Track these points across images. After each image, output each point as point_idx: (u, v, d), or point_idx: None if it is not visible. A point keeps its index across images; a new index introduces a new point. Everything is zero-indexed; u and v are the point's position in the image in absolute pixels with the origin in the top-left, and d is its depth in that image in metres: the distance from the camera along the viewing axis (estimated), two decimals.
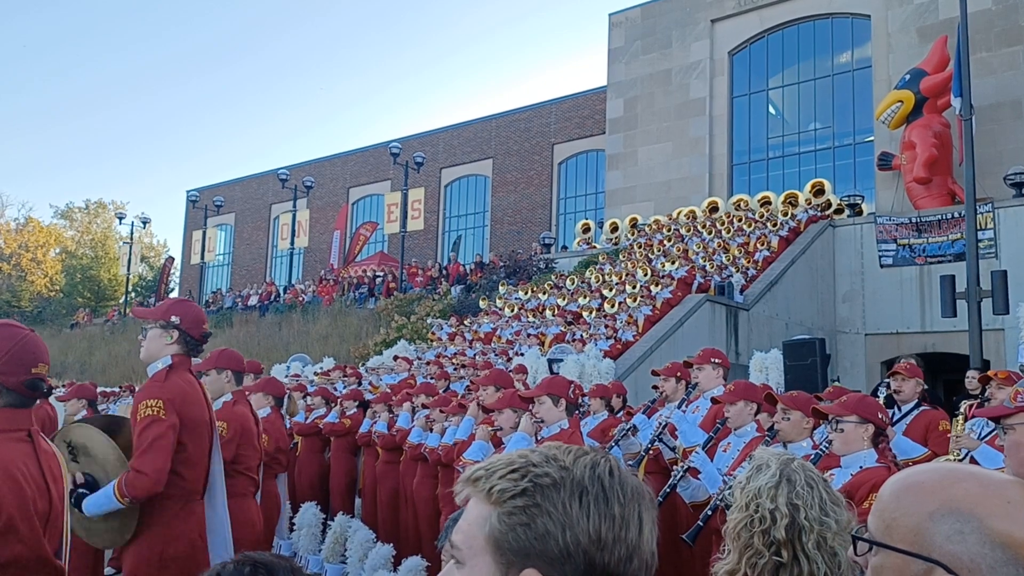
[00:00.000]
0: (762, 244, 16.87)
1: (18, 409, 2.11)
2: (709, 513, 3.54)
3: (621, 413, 6.06)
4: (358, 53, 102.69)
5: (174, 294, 34.76)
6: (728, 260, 16.23)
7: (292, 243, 27.61)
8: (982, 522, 0.88)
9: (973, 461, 3.89)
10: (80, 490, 2.90)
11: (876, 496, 0.98)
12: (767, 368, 10.25)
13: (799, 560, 1.76)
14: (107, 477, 2.97)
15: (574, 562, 0.88)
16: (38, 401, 2.14)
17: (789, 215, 18.39)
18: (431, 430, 6.37)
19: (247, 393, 4.71)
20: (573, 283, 16.93)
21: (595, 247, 21.88)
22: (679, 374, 5.46)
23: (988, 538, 0.87)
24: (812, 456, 3.34)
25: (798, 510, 1.79)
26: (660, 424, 4.73)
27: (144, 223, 34.58)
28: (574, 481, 0.91)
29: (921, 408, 4.74)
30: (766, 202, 19.97)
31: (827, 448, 3.30)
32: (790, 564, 1.76)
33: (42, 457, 2.10)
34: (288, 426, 7.74)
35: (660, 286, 14.23)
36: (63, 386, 11.35)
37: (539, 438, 4.11)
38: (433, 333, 15.98)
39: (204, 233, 31.04)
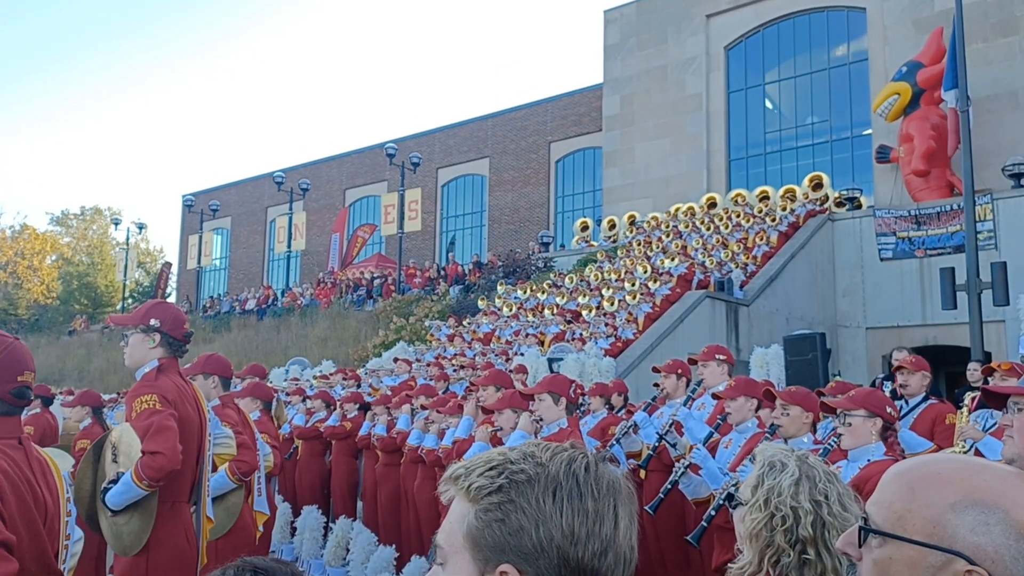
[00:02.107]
0: (761, 239, 16.83)
1: (7, 417, 2.12)
2: (713, 513, 3.51)
3: (622, 411, 6.02)
4: (352, 54, 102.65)
5: (171, 299, 34.72)
6: (727, 256, 16.19)
7: (289, 246, 27.56)
8: (1007, 513, 0.87)
9: (978, 453, 3.86)
10: (108, 485, 2.91)
11: (878, 487, 0.96)
12: (768, 364, 10.22)
13: (822, 556, 1.76)
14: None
15: (548, 557, 0.89)
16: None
17: (788, 210, 18.35)
18: (429, 431, 6.33)
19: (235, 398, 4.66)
20: (572, 282, 16.88)
21: (593, 245, 21.85)
22: (680, 371, 5.43)
23: (1013, 529, 0.86)
24: (820, 451, 3.31)
25: (821, 506, 1.78)
26: (666, 422, 4.69)
27: (140, 228, 34.56)
28: (548, 477, 0.92)
29: (928, 402, 4.70)
30: (764, 197, 19.94)
31: (836, 443, 3.27)
32: (815, 561, 1.74)
33: (34, 464, 2.12)
34: (288, 430, 7.70)
35: (659, 283, 14.19)
36: (60, 393, 11.29)
37: (538, 437, 4.07)
38: (432, 334, 15.93)
39: (200, 238, 30.99)
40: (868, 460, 3.06)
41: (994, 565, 0.85)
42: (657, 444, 4.70)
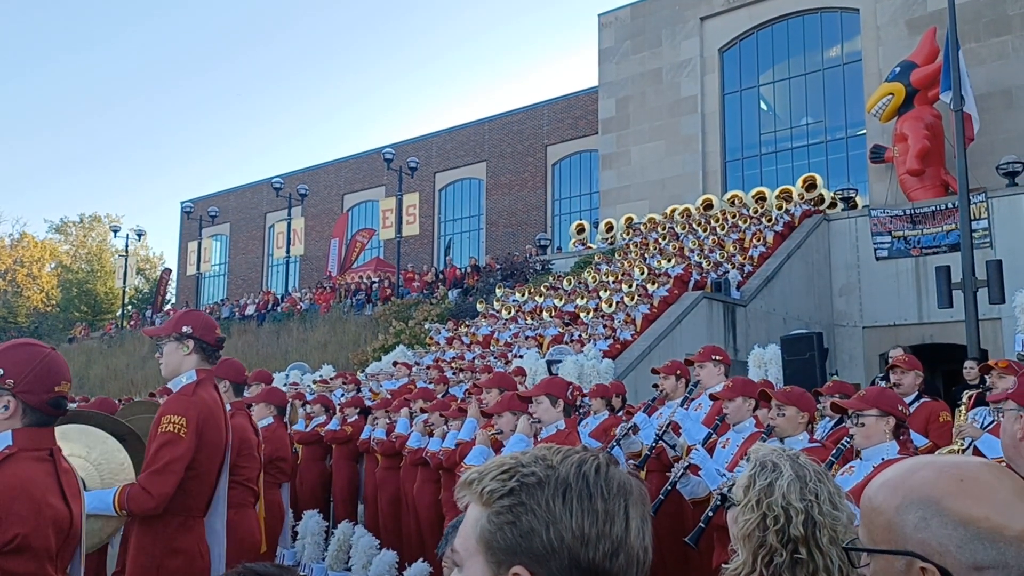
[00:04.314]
0: (757, 240, 16.88)
1: (41, 428, 2.12)
2: (710, 514, 3.53)
3: (621, 413, 6.06)
4: (348, 59, 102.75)
5: (170, 305, 34.70)
6: (724, 257, 16.23)
7: (288, 251, 27.58)
8: (939, 504, 0.88)
9: (976, 450, 3.88)
10: None
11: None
12: (766, 364, 10.25)
13: (813, 556, 1.76)
14: (97, 472, 2.96)
15: (559, 559, 0.90)
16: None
17: (784, 210, 18.41)
18: (430, 435, 6.36)
19: (249, 404, 4.68)
20: (570, 284, 16.93)
21: (591, 247, 21.89)
22: (679, 372, 5.46)
23: (949, 519, 0.87)
24: (835, 450, 3.33)
25: (812, 505, 1.78)
26: (663, 423, 4.73)
27: (139, 235, 34.49)
28: (558, 479, 0.93)
29: (921, 400, 4.75)
30: (761, 198, 20.00)
31: (848, 443, 3.29)
32: (807, 560, 1.76)
33: (62, 476, 2.13)
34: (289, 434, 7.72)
35: (657, 284, 14.23)
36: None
37: (537, 439, 4.11)
38: (431, 337, 15.96)
39: (199, 244, 31.00)
40: (882, 459, 3.05)
41: (942, 558, 0.86)
42: (654, 445, 4.74)
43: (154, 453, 2.89)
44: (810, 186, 19.79)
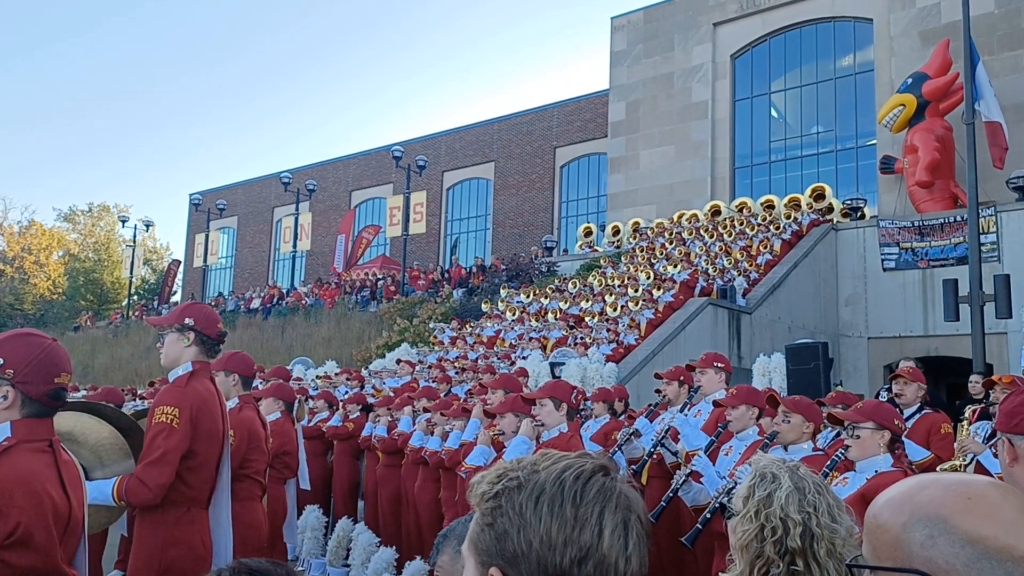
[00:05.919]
0: (764, 247, 16.86)
1: (40, 419, 2.12)
2: (708, 516, 3.55)
3: (623, 417, 6.06)
4: (359, 56, 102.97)
5: (176, 297, 34.82)
6: (730, 263, 16.21)
7: (294, 246, 27.64)
8: (947, 523, 0.88)
9: (979, 465, 3.88)
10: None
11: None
12: (770, 372, 10.24)
13: (811, 568, 1.75)
14: (99, 462, 2.98)
15: (528, 562, 0.91)
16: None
17: (792, 218, 18.38)
18: (432, 433, 6.38)
19: (257, 398, 4.69)
20: (575, 286, 16.92)
21: (597, 250, 21.89)
22: (682, 378, 5.46)
23: (956, 537, 0.87)
24: (829, 462, 3.34)
25: (810, 517, 1.77)
26: (662, 429, 4.73)
27: (147, 226, 34.63)
28: (536, 484, 0.94)
29: (923, 412, 4.75)
30: (769, 205, 19.97)
31: (843, 454, 3.30)
32: (804, 572, 1.75)
33: (62, 467, 2.12)
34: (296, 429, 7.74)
35: (662, 289, 14.22)
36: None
37: (539, 441, 4.12)
38: (435, 336, 15.98)
39: (207, 236, 31.09)
40: (876, 471, 3.08)
41: None
42: (653, 451, 4.74)
43: (149, 444, 2.91)
44: (819, 196, 19.76)
